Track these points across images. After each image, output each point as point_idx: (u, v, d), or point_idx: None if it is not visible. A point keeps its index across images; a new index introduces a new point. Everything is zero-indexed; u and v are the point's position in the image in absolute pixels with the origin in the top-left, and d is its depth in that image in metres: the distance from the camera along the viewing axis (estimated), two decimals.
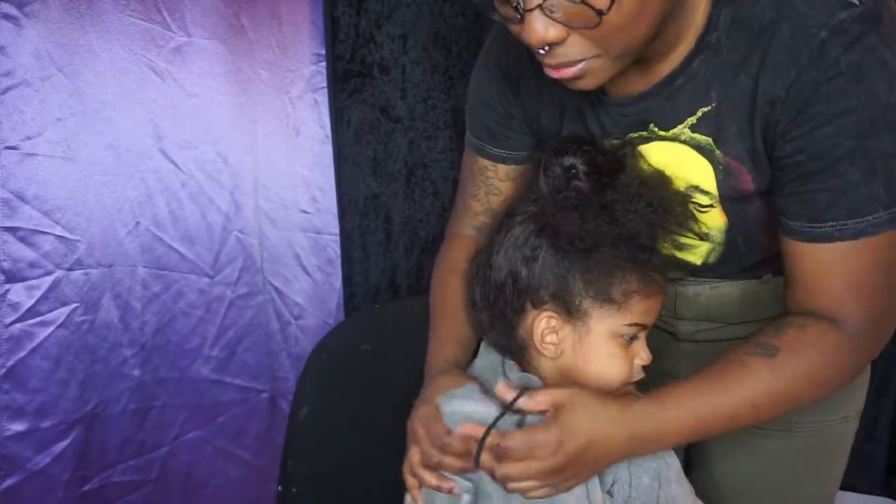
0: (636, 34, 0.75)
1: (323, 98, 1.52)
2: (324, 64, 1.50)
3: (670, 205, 0.88)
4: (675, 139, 0.89)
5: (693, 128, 0.87)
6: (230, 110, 1.43)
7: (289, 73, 1.49)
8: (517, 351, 0.91)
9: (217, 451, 1.53)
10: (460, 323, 1.00)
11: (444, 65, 1.59)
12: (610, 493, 0.86)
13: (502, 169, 1.06)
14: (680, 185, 0.90)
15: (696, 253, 0.95)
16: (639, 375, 0.89)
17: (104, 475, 1.40)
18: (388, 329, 1.17)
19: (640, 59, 0.82)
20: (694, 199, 0.90)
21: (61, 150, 1.27)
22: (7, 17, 1.19)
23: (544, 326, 0.87)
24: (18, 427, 1.29)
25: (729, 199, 0.89)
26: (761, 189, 0.87)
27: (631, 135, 0.92)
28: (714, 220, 0.92)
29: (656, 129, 0.89)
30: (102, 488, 1.40)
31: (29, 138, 1.24)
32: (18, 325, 1.27)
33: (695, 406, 0.82)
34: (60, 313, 1.30)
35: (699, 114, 0.86)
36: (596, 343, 0.87)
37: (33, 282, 1.27)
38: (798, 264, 0.84)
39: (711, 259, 0.96)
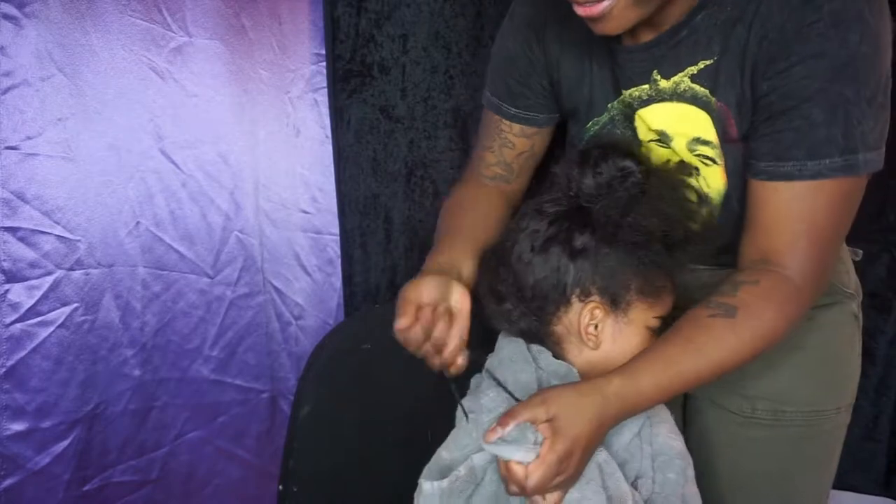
0: None
1: (323, 98, 1.52)
2: (324, 64, 1.50)
3: (689, 203, 0.96)
4: (674, 91, 0.94)
5: (693, 77, 0.93)
6: (230, 110, 1.43)
7: (289, 73, 1.49)
8: (549, 342, 0.94)
9: (218, 451, 1.53)
10: (459, 243, 1.04)
11: (444, 65, 1.59)
12: (634, 486, 0.88)
13: (517, 126, 1.13)
14: (682, 140, 0.97)
15: (695, 218, 0.98)
16: None
17: (105, 475, 1.40)
18: (388, 329, 1.17)
19: (653, 12, 0.88)
20: (699, 152, 0.96)
21: (61, 151, 1.27)
22: (7, 17, 1.19)
23: (589, 319, 0.91)
24: (19, 427, 1.28)
25: (725, 144, 0.94)
26: (743, 134, 0.92)
27: (633, 92, 0.98)
28: (716, 179, 0.98)
29: (658, 78, 0.95)
30: (103, 488, 1.40)
31: (29, 138, 1.24)
32: (19, 325, 1.27)
33: (666, 372, 0.86)
34: (61, 313, 1.30)
35: (701, 65, 0.92)
36: (633, 334, 0.92)
37: (34, 282, 1.27)
38: (759, 205, 0.90)
39: (709, 227, 1.01)
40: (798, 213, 0.87)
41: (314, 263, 1.57)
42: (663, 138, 0.98)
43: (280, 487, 1.08)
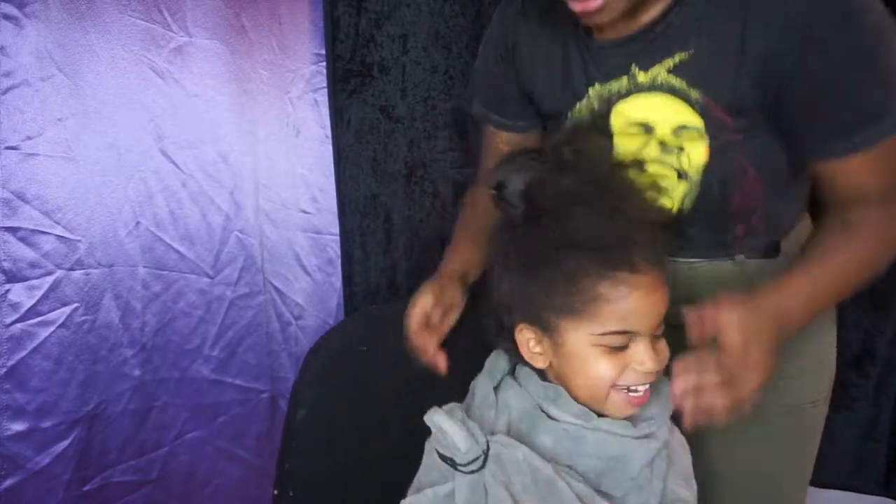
0: None
1: (323, 98, 1.52)
2: (324, 64, 1.51)
3: (617, 194, 0.86)
4: (652, 83, 0.96)
5: (670, 70, 0.95)
6: (230, 110, 1.43)
7: (289, 73, 1.49)
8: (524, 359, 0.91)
9: (218, 451, 1.53)
10: (469, 248, 1.10)
11: (444, 65, 1.59)
12: None
13: (504, 136, 1.17)
14: (666, 127, 0.96)
15: (673, 196, 1.00)
16: (644, 379, 0.85)
17: (105, 475, 1.40)
18: (386, 330, 1.16)
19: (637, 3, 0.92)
20: (684, 136, 0.96)
21: (62, 151, 1.27)
22: (7, 17, 1.19)
23: (527, 339, 0.88)
24: (19, 427, 1.28)
25: (712, 131, 0.95)
26: (741, 126, 0.94)
27: (611, 87, 0.99)
28: (697, 155, 0.97)
29: (636, 70, 0.97)
30: (103, 488, 1.40)
31: (29, 138, 1.24)
32: (19, 325, 1.27)
33: (813, 286, 0.91)
34: (61, 313, 1.30)
35: (677, 58, 0.94)
36: (575, 353, 0.85)
37: (34, 282, 1.27)
38: (835, 183, 0.94)
39: (686, 203, 1.00)
40: (876, 174, 0.92)
41: (314, 263, 1.57)
42: (646, 128, 0.99)
43: (275, 492, 1.05)
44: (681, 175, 0.98)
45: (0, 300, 1.25)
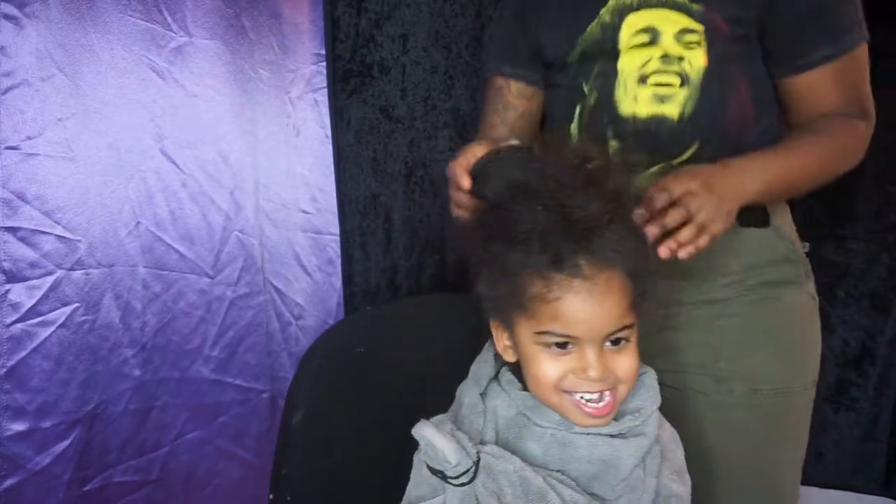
0: None
1: (323, 98, 1.52)
2: (324, 64, 1.51)
3: (570, 192, 0.82)
4: (646, 3, 1.11)
5: None
6: (230, 110, 1.43)
7: (289, 73, 1.49)
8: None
9: (218, 451, 1.53)
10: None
11: (444, 65, 1.59)
12: None
13: (514, 86, 1.27)
14: (670, 32, 1.09)
15: (675, 102, 1.10)
16: (588, 387, 0.82)
17: (105, 475, 1.40)
18: (382, 331, 1.15)
19: None
20: (686, 40, 1.09)
21: (62, 151, 1.27)
22: (7, 17, 1.19)
23: (499, 333, 0.88)
24: (19, 427, 1.28)
25: (710, 37, 1.09)
26: (736, 35, 1.09)
27: (623, 1, 1.12)
28: (697, 60, 1.10)
29: None
30: (103, 488, 1.40)
31: (29, 138, 1.24)
32: (19, 325, 1.26)
33: (772, 166, 1.04)
34: (61, 313, 1.30)
35: None
36: (524, 350, 0.84)
37: (34, 282, 1.27)
38: (809, 95, 1.10)
39: (687, 109, 1.10)
40: (839, 86, 1.09)
41: (314, 263, 1.57)
42: (652, 33, 1.11)
43: (271, 496, 1.04)
44: (683, 81, 1.10)
45: (0, 300, 1.25)
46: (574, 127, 1.18)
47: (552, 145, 0.88)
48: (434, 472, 0.82)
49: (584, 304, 0.79)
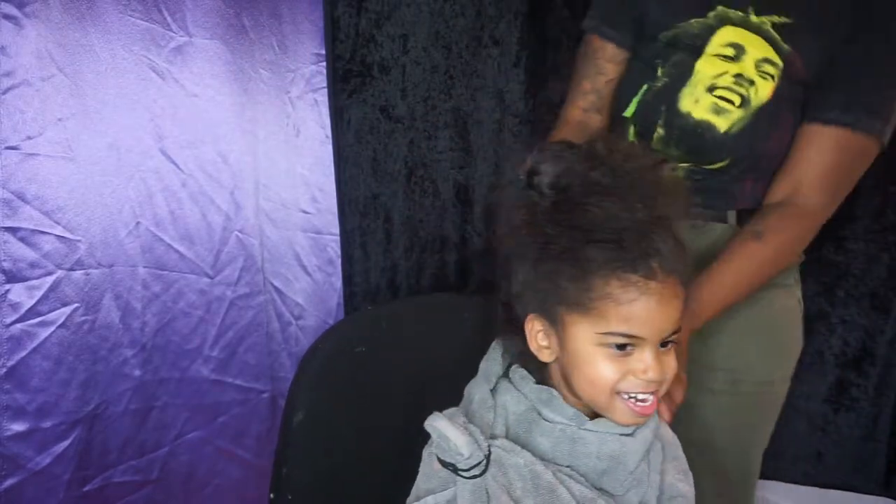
0: None
1: (323, 98, 1.52)
2: (324, 64, 1.51)
3: (646, 192, 0.82)
4: (757, 27, 1.16)
5: (774, 24, 1.16)
6: (230, 110, 1.43)
7: (289, 73, 1.49)
8: (530, 358, 0.89)
9: (218, 451, 1.53)
10: None
11: (444, 65, 1.59)
12: None
13: (609, 49, 1.29)
14: (753, 57, 1.16)
15: (728, 118, 1.16)
16: (645, 388, 0.83)
17: (105, 475, 1.40)
18: (383, 331, 1.15)
19: None
20: (764, 69, 1.15)
21: (62, 151, 1.27)
22: (7, 17, 1.19)
23: (536, 331, 0.86)
24: (19, 427, 1.28)
25: (787, 71, 1.15)
26: (805, 80, 1.15)
27: (729, 13, 1.18)
28: (764, 91, 1.15)
29: (751, 11, 1.17)
30: (103, 488, 1.40)
31: (29, 138, 1.24)
32: (19, 325, 1.26)
33: (720, 291, 1.12)
34: (61, 313, 1.30)
35: (783, 18, 1.16)
36: (578, 350, 0.83)
37: (34, 282, 1.27)
38: (802, 146, 1.16)
39: (735, 129, 1.16)
40: (830, 156, 1.14)
41: (314, 263, 1.57)
42: (738, 50, 1.17)
43: (271, 495, 1.04)
44: (743, 102, 1.16)
45: (0, 300, 1.25)
46: (636, 100, 1.25)
47: (618, 145, 0.87)
48: (445, 464, 0.82)
49: (657, 306, 0.80)
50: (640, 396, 0.83)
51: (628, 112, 1.26)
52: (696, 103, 1.18)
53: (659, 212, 0.81)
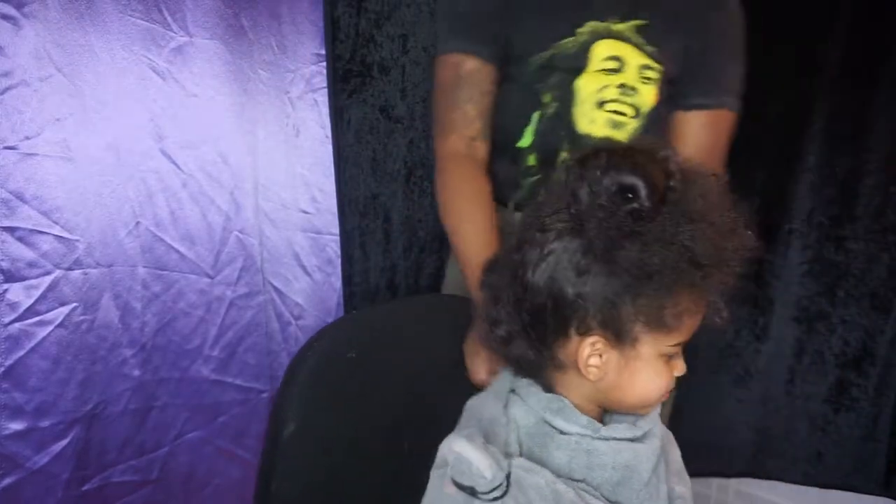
0: None
1: (323, 98, 1.52)
2: (324, 64, 1.51)
3: (733, 221, 0.81)
4: (621, 34, 1.20)
5: (637, 29, 1.20)
6: (230, 110, 1.43)
7: (289, 73, 1.49)
8: (550, 366, 0.86)
9: (218, 451, 1.53)
10: (485, 243, 1.12)
11: None
12: None
13: (488, 69, 1.23)
14: (635, 65, 1.20)
15: (626, 130, 1.21)
16: (672, 385, 0.85)
17: (104, 475, 1.40)
18: (374, 334, 1.08)
19: None
20: (645, 75, 1.20)
21: (60, 151, 1.27)
22: (6, 17, 1.19)
23: (589, 352, 0.81)
24: (17, 426, 1.28)
25: (663, 74, 1.21)
26: (672, 76, 1.21)
27: (607, 26, 1.20)
28: (649, 97, 1.22)
29: (614, 20, 1.20)
30: (102, 488, 1.40)
31: (28, 138, 1.24)
32: (17, 325, 1.27)
33: None
34: (59, 313, 1.30)
35: (641, 22, 1.20)
36: (643, 366, 0.82)
37: (32, 281, 1.27)
38: (678, 133, 1.23)
39: (634, 138, 1.21)
40: (704, 137, 1.23)
41: (314, 263, 1.57)
42: (619, 62, 1.20)
43: None
44: (636, 113, 1.21)
45: None
46: (530, 130, 1.24)
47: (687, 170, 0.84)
48: (462, 487, 0.78)
49: (705, 310, 0.83)
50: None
51: (524, 143, 1.24)
52: (591, 123, 1.21)
53: (738, 237, 0.80)
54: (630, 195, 0.77)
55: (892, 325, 1.59)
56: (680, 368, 0.85)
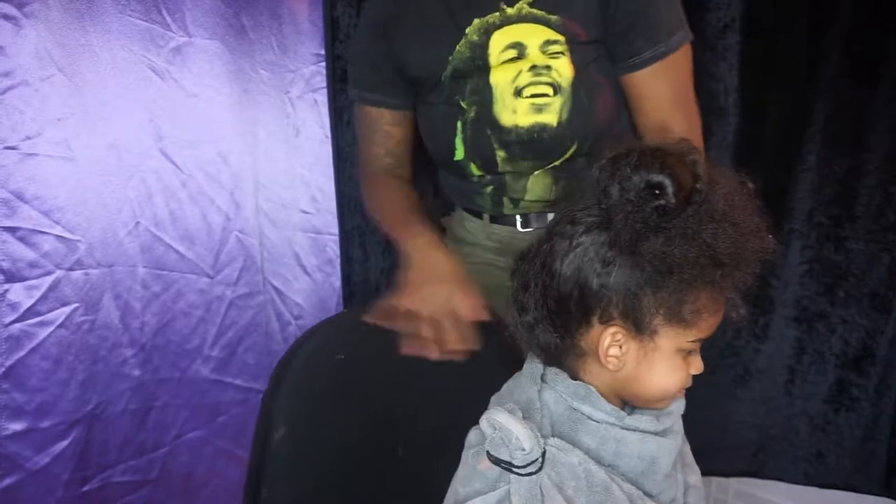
0: None
1: (323, 98, 1.52)
2: (324, 64, 1.51)
3: (756, 224, 0.83)
4: (518, 15, 1.17)
5: (531, 4, 1.17)
6: (230, 110, 1.43)
7: (289, 73, 1.49)
8: (572, 355, 0.88)
9: (217, 451, 1.53)
10: (418, 220, 1.23)
11: None
12: None
13: (387, 115, 1.32)
14: (535, 45, 1.17)
15: (552, 110, 1.19)
16: (689, 383, 0.87)
17: (104, 475, 1.40)
18: (364, 334, 1.05)
19: None
20: (551, 50, 1.17)
21: (61, 150, 1.27)
22: (7, 17, 1.19)
23: (610, 342, 0.84)
24: (18, 426, 1.29)
25: (572, 43, 1.17)
26: (594, 38, 1.17)
27: (488, 20, 1.18)
28: (565, 69, 1.18)
29: (504, 7, 1.18)
30: (102, 488, 1.40)
31: (29, 138, 1.24)
32: (18, 325, 1.27)
33: None
34: (60, 313, 1.30)
35: None
36: (661, 359, 0.84)
37: (33, 282, 1.27)
38: (637, 93, 1.20)
39: (564, 116, 1.19)
40: (668, 86, 1.19)
41: (314, 263, 1.57)
42: (519, 48, 1.18)
43: None
44: (556, 90, 1.18)
45: None
46: (459, 141, 1.25)
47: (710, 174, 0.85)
48: (497, 462, 0.80)
49: (724, 311, 0.85)
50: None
51: (458, 155, 1.26)
52: (514, 113, 1.20)
53: (758, 238, 0.83)
54: (657, 192, 0.79)
55: (893, 325, 1.58)
56: (697, 366, 0.87)
